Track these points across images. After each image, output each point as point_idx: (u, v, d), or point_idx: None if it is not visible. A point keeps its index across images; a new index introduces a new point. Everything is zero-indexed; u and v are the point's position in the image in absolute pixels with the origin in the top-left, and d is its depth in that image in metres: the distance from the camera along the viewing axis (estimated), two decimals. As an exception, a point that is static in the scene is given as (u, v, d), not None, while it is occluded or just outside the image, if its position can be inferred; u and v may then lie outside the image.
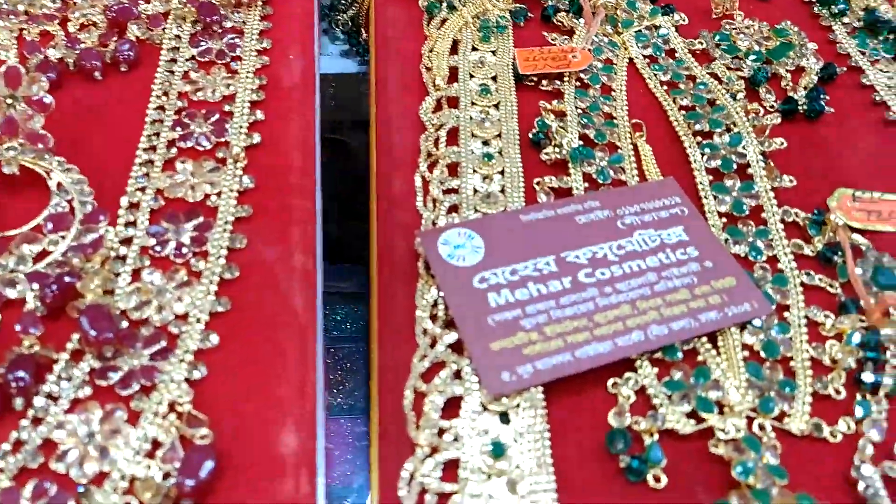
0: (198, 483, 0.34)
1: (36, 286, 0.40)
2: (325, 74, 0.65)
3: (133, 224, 0.43)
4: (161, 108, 0.49)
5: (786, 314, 0.44)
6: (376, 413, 0.39)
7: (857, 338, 0.42)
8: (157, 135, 0.47)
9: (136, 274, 0.41)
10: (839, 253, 0.46)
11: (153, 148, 0.47)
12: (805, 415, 0.40)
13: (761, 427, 0.39)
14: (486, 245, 0.44)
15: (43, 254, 0.41)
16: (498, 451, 0.37)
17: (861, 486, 0.38)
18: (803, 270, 0.46)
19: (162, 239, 0.43)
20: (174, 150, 0.47)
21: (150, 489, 0.34)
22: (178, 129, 0.48)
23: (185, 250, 0.42)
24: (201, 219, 0.43)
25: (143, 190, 0.45)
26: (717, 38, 0.59)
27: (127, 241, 0.43)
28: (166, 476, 0.35)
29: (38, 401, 0.36)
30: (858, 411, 0.40)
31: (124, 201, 0.44)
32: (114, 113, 0.48)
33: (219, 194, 0.45)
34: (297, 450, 0.36)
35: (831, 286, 0.45)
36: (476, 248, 0.44)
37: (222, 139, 0.47)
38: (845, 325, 0.43)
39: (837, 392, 0.41)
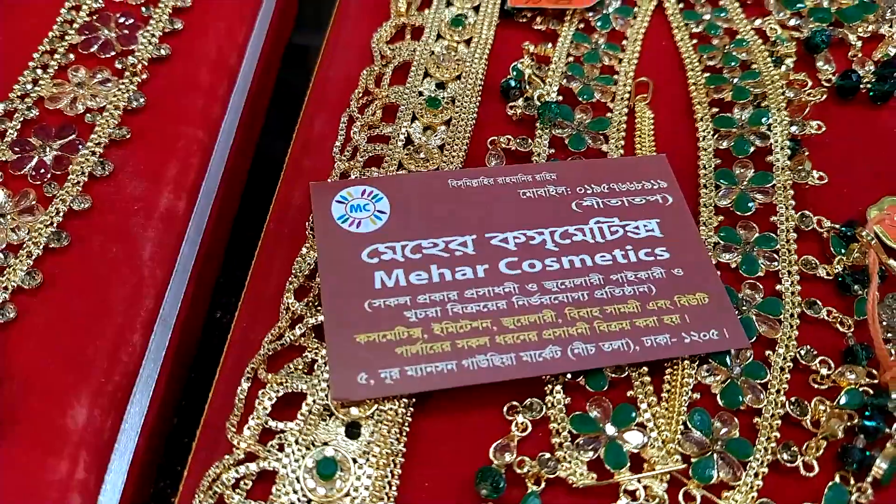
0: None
1: None
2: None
3: (2, 135, 0.38)
4: (77, 7, 0.42)
5: (768, 353, 0.33)
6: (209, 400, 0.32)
7: (856, 397, 0.32)
8: (63, 37, 0.41)
9: (-14, 191, 0.36)
10: (864, 281, 0.35)
11: (53, 51, 0.41)
12: (753, 491, 0.30)
13: (689, 497, 0.30)
14: (393, 211, 0.35)
15: None
16: (326, 470, 0.29)
17: None
18: (809, 298, 0.35)
19: (25, 155, 0.37)
20: (73, 57, 0.40)
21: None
22: (87, 32, 0.41)
23: (44, 171, 0.36)
24: (73, 137, 0.37)
25: (24, 97, 0.39)
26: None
27: (-11, 154, 0.37)
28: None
29: None
30: (830, 496, 0.30)
31: (0, 108, 0.38)
32: (26, 9, 0.43)
33: (101, 110, 0.38)
34: (83, 427, 0.30)
35: (841, 324, 0.34)
36: (379, 214, 0.35)
37: (130, 48, 0.41)
38: (846, 379, 0.33)
39: (809, 468, 0.31)
